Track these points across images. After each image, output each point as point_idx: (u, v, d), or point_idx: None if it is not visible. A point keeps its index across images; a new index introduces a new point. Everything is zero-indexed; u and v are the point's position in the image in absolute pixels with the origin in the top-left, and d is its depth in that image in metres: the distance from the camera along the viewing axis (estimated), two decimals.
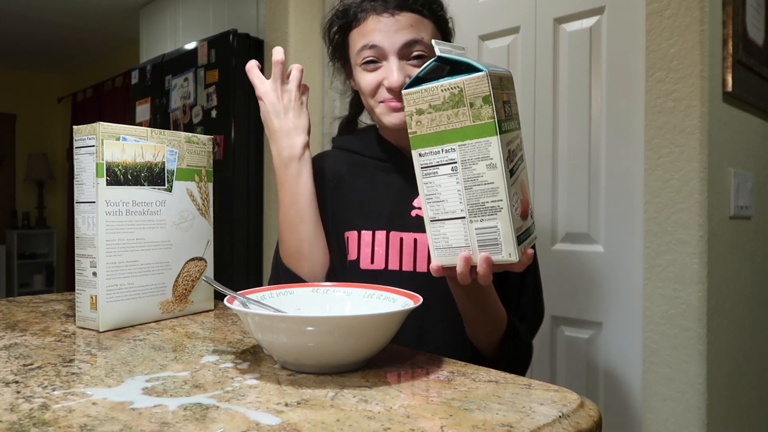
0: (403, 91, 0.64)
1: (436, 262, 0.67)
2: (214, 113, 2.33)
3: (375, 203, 0.93)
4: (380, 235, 0.90)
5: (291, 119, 0.89)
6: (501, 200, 0.61)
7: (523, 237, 0.64)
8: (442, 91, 0.62)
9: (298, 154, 0.88)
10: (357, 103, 1.05)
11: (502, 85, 0.63)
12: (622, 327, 1.33)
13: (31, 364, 0.59)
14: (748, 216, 1.34)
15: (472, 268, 0.65)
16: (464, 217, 0.63)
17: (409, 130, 0.65)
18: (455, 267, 0.65)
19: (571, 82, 1.42)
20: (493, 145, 0.60)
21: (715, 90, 1.19)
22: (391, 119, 0.87)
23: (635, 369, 1.30)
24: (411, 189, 0.93)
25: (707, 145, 1.16)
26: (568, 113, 1.43)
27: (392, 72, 0.84)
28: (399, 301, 0.65)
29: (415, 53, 0.85)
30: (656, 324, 1.21)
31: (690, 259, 1.16)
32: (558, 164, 1.45)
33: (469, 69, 0.62)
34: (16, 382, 0.54)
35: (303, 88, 0.92)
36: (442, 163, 0.63)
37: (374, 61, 0.87)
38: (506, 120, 0.62)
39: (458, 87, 0.61)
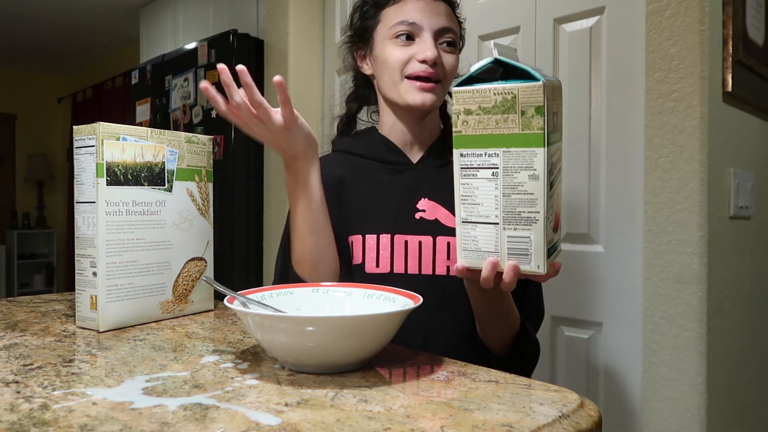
0: (454, 89, 0.64)
1: (462, 263, 0.66)
2: (214, 113, 2.33)
3: (379, 206, 0.92)
4: (385, 238, 0.90)
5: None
6: (538, 212, 0.60)
7: (552, 250, 0.64)
8: (494, 94, 0.61)
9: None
10: (357, 98, 1.04)
11: (554, 95, 0.62)
12: (622, 327, 1.33)
13: (31, 364, 0.59)
14: (748, 216, 1.34)
15: (497, 274, 0.65)
16: (498, 224, 0.63)
17: (454, 129, 0.64)
18: (479, 270, 0.65)
19: (571, 82, 1.42)
20: (539, 157, 0.60)
21: (715, 90, 1.19)
22: (416, 98, 0.88)
23: (635, 369, 1.30)
24: (414, 191, 0.93)
25: (707, 145, 1.16)
26: (568, 113, 1.43)
27: (428, 46, 0.87)
28: (399, 301, 0.65)
29: (447, 39, 0.89)
30: (656, 324, 1.21)
31: (690, 259, 1.16)
32: None
33: (523, 75, 0.61)
34: (16, 382, 0.54)
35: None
36: (484, 166, 0.62)
37: (409, 37, 0.89)
38: (553, 131, 0.61)
39: (512, 93, 0.60)
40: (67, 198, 5.53)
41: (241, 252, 2.30)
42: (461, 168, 0.64)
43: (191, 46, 2.47)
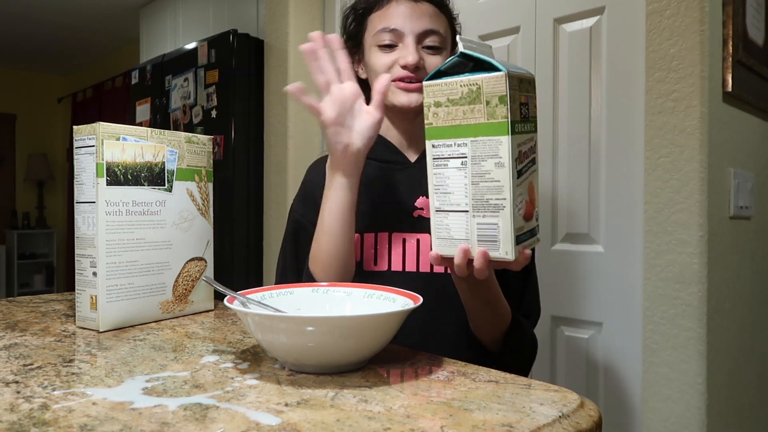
0: (424, 83, 0.66)
1: (436, 251, 0.68)
2: (214, 113, 2.33)
3: (377, 205, 0.93)
4: (382, 236, 0.91)
5: None
6: (504, 199, 0.62)
7: (523, 237, 0.65)
8: (461, 86, 0.63)
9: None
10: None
11: (521, 87, 0.64)
12: (622, 327, 1.33)
13: (31, 364, 0.59)
14: (748, 216, 1.34)
15: (470, 262, 0.67)
16: (467, 211, 0.64)
17: (426, 121, 0.66)
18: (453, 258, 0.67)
19: (571, 82, 1.42)
20: (504, 145, 0.61)
21: (715, 90, 1.19)
22: (402, 99, 0.89)
23: (635, 369, 1.30)
24: (413, 189, 0.93)
25: (707, 145, 1.16)
26: (568, 113, 1.43)
27: (409, 51, 0.87)
28: (399, 301, 0.65)
29: (430, 43, 0.89)
30: (656, 324, 1.21)
31: (690, 259, 1.16)
32: (558, 164, 1.45)
33: (491, 68, 0.63)
34: (16, 382, 0.54)
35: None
36: (453, 156, 0.65)
37: (391, 45, 0.90)
38: (521, 122, 0.63)
39: (476, 84, 0.62)
40: (67, 198, 5.53)
41: (241, 252, 2.30)
42: (433, 158, 0.67)
43: (191, 46, 2.47)
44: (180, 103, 2.50)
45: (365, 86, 1.00)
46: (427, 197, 0.91)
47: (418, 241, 0.90)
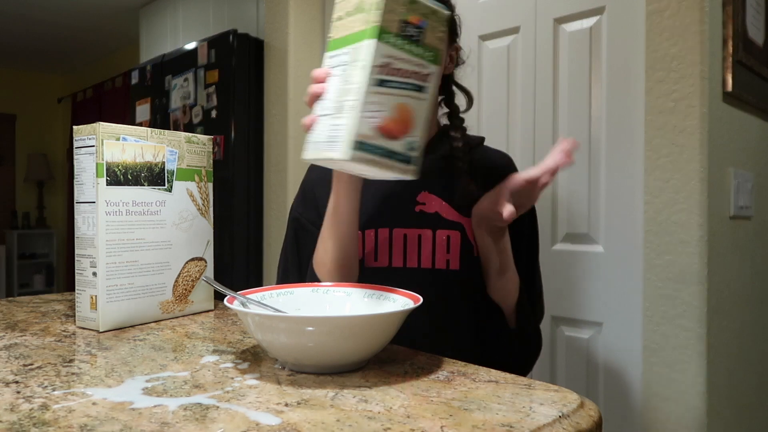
0: (335, 1, 0.69)
1: (303, 155, 0.69)
2: (214, 113, 2.33)
3: (379, 201, 0.93)
4: (384, 232, 0.90)
5: None
6: (355, 100, 0.62)
7: (370, 148, 0.64)
8: None
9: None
10: None
11: (413, 7, 0.65)
12: (622, 327, 1.33)
13: (31, 364, 0.59)
14: (748, 216, 1.34)
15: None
16: (331, 114, 0.66)
17: (328, 35, 0.69)
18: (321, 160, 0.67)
19: (571, 82, 1.42)
20: (366, 48, 0.62)
21: (715, 90, 1.19)
22: None
23: (635, 369, 1.30)
24: (415, 184, 0.93)
25: (707, 145, 1.16)
26: (568, 113, 1.43)
27: None
28: (399, 301, 0.65)
29: None
30: (656, 324, 1.21)
31: (690, 259, 1.16)
32: None
33: None
34: (16, 382, 0.54)
35: None
36: (338, 65, 0.66)
37: None
38: (401, 38, 0.64)
39: None
40: (67, 198, 5.53)
41: (241, 252, 2.30)
42: (328, 68, 0.68)
43: (191, 46, 2.47)
44: (180, 103, 2.50)
45: None
46: (430, 192, 0.92)
47: (419, 236, 0.89)
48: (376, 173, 0.67)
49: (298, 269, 0.97)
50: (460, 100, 1.00)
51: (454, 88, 1.00)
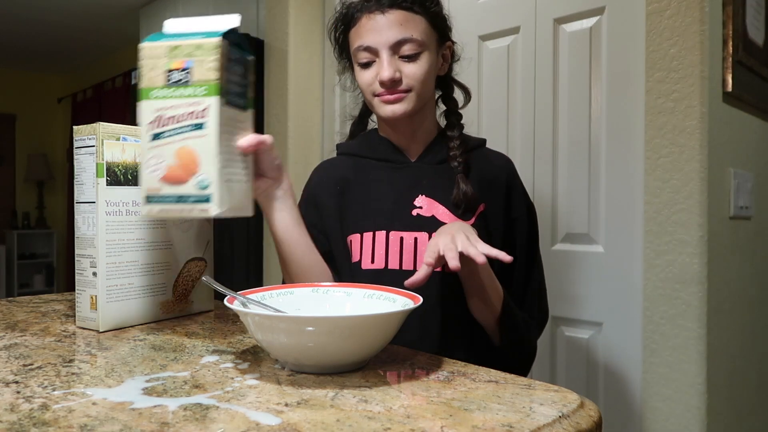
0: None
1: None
2: None
3: (376, 204, 0.93)
4: (380, 235, 0.91)
5: None
6: (141, 158, 0.67)
7: (158, 200, 0.67)
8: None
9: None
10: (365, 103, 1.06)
11: (175, 54, 0.66)
12: (622, 327, 1.33)
13: (31, 364, 0.59)
14: (748, 216, 1.34)
15: None
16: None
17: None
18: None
19: (571, 82, 1.42)
20: (142, 109, 0.66)
21: (715, 90, 1.19)
22: (385, 111, 0.90)
23: (635, 369, 1.30)
24: (412, 188, 0.93)
25: (707, 145, 1.16)
26: (568, 113, 1.43)
27: (384, 67, 0.87)
28: (399, 301, 0.65)
29: (406, 52, 0.88)
30: (656, 324, 1.21)
31: (690, 259, 1.16)
32: (558, 164, 1.45)
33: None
34: (16, 382, 0.54)
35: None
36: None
37: (369, 63, 0.90)
38: (166, 87, 0.66)
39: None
40: (67, 198, 5.53)
41: (241, 252, 2.30)
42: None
43: None
44: None
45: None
46: (427, 196, 0.92)
47: (415, 239, 0.90)
48: (181, 216, 0.70)
49: None
50: (458, 97, 1.00)
51: (455, 87, 1.00)
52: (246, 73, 0.71)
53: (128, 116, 2.96)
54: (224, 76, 0.66)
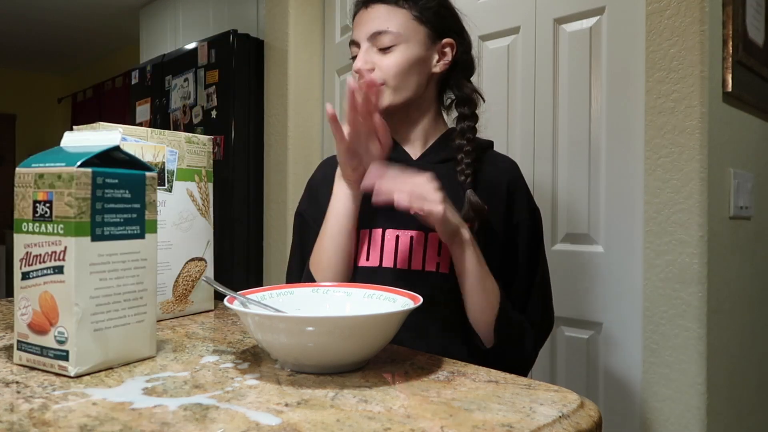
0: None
1: None
2: (214, 113, 2.33)
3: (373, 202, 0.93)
4: (376, 233, 0.91)
5: None
6: (16, 296, 0.59)
7: (29, 348, 0.58)
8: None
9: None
10: None
11: (41, 183, 0.57)
12: (622, 327, 1.33)
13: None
14: (748, 216, 1.34)
15: None
16: None
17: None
18: None
19: (571, 83, 1.42)
20: (15, 243, 0.59)
21: (715, 90, 1.19)
22: None
23: (635, 369, 1.30)
24: None
25: (707, 145, 1.16)
26: (568, 113, 1.43)
27: (358, 58, 0.91)
28: (399, 302, 0.65)
29: (380, 44, 0.90)
30: (656, 324, 1.21)
31: (690, 259, 1.16)
32: (558, 164, 1.45)
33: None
34: (16, 382, 0.54)
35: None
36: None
37: (355, 57, 0.94)
38: (34, 220, 0.58)
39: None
40: None
41: (241, 252, 2.30)
42: None
43: (191, 46, 2.47)
44: (180, 103, 2.50)
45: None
46: None
47: (411, 238, 0.90)
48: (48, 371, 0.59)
49: (301, 266, 0.97)
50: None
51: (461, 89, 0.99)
52: (140, 193, 0.61)
53: (128, 116, 2.95)
54: (90, 209, 0.56)
